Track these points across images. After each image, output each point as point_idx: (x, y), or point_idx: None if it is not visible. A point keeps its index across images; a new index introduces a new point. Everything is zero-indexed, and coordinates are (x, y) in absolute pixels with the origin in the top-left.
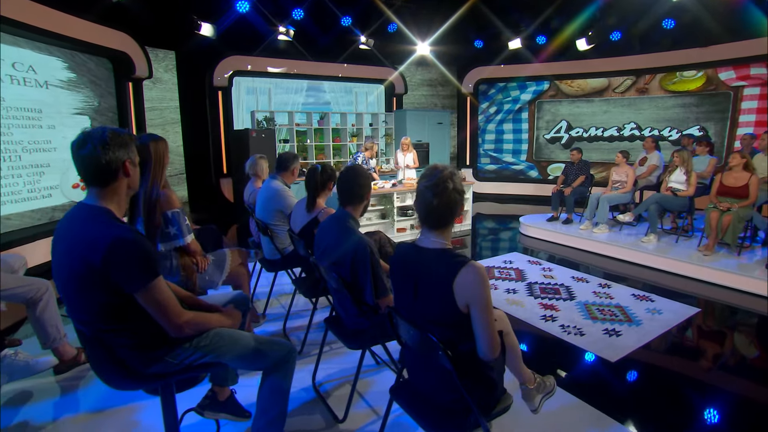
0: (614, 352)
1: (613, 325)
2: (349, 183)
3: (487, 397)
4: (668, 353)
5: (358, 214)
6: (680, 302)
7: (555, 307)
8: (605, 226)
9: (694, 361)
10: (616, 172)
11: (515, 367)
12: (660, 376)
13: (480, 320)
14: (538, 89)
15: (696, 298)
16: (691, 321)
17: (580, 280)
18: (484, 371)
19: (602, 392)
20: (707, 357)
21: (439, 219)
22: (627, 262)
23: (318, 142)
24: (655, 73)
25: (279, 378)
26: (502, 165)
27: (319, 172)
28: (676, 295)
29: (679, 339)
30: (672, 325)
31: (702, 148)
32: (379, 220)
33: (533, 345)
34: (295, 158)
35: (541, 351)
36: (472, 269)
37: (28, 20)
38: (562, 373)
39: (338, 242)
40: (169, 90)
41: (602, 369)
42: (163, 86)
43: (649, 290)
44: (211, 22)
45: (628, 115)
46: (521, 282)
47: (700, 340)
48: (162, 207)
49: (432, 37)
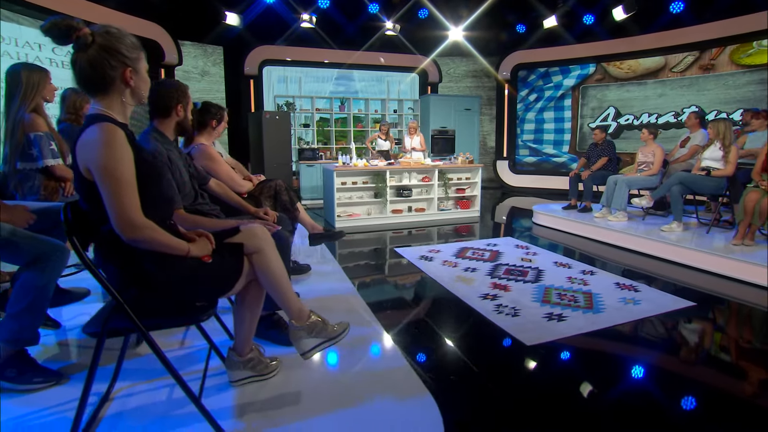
0: (536, 336)
1: (564, 310)
2: (152, 95)
3: (141, 293)
4: (607, 343)
5: (166, 128)
6: (675, 296)
7: (507, 287)
8: (623, 213)
9: (629, 356)
10: (642, 152)
11: (277, 298)
12: (562, 367)
13: (102, 189)
14: (583, 73)
15: (705, 293)
16: (672, 315)
17: (562, 265)
18: (132, 259)
19: (458, 371)
20: (649, 355)
21: (88, 82)
22: (645, 255)
23: (339, 128)
24: (724, 45)
25: (33, 273)
26: (542, 157)
27: (197, 110)
28: (684, 290)
29: (637, 331)
30: (641, 316)
31: (761, 121)
32: (371, 199)
33: (448, 318)
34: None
35: (449, 323)
36: (96, 128)
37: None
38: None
39: None
40: (216, 82)
41: (497, 349)
42: (210, 78)
43: (648, 282)
44: (237, 12)
45: (688, 98)
46: (490, 263)
47: (664, 335)
48: (25, 128)
49: (466, 22)
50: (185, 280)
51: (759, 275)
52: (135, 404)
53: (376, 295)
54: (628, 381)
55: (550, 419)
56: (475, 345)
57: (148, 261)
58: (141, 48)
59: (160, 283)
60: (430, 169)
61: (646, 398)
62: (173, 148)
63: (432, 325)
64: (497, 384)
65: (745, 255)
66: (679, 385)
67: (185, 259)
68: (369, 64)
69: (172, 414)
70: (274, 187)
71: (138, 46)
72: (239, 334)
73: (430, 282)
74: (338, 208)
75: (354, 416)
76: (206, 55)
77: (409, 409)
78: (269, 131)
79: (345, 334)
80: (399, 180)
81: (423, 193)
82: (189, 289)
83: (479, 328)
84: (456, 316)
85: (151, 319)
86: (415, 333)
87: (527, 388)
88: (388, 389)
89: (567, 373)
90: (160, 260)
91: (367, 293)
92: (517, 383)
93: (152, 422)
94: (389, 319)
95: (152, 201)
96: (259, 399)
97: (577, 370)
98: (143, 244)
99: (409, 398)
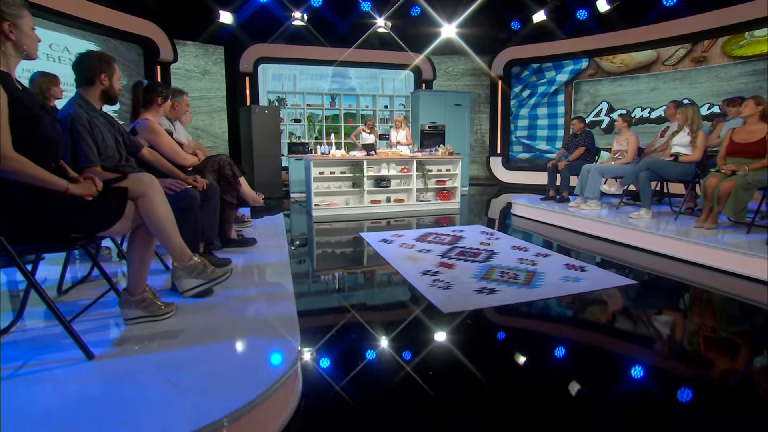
0: (455, 304)
1: (499, 285)
2: (77, 65)
3: (13, 223)
4: (522, 313)
5: (91, 96)
6: (621, 276)
7: (453, 266)
8: (596, 202)
9: (535, 324)
10: (617, 141)
11: (160, 240)
12: (466, 330)
13: None
14: (576, 68)
15: (655, 275)
16: (606, 291)
17: (519, 248)
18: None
19: (346, 325)
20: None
21: None
22: (617, 242)
23: (331, 123)
24: (716, 37)
25: None
26: (536, 153)
27: (144, 88)
28: (634, 271)
29: (559, 304)
30: (574, 292)
31: (736, 109)
32: (349, 188)
33: (371, 286)
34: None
35: (370, 290)
36: None
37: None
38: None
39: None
40: (216, 81)
41: (404, 312)
42: (211, 77)
43: (602, 265)
44: (231, 11)
45: (680, 91)
46: (447, 246)
47: (585, 308)
48: None
49: (459, 19)
50: (57, 213)
51: (712, 257)
52: (29, 336)
53: (308, 266)
54: (522, 347)
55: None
56: (383, 308)
57: (17, 192)
58: (25, 6)
59: (31, 213)
60: (409, 160)
61: (536, 364)
62: (98, 115)
63: (347, 289)
64: (374, 333)
65: (701, 238)
66: (577, 352)
67: (62, 195)
68: (361, 62)
69: (58, 343)
70: (218, 161)
71: (20, 5)
72: (130, 275)
73: (376, 259)
74: (316, 197)
75: (221, 348)
76: (207, 54)
77: (269, 342)
78: (258, 125)
79: (224, 277)
80: (378, 170)
81: (402, 184)
82: (61, 221)
83: (399, 296)
84: (382, 286)
85: (25, 245)
86: (325, 295)
87: (407, 338)
88: (264, 332)
89: (467, 336)
90: (30, 192)
91: (300, 265)
92: (398, 332)
93: (34, 349)
94: (304, 283)
95: (29, 141)
96: (142, 334)
97: (478, 334)
98: (13, 175)
99: (277, 338)
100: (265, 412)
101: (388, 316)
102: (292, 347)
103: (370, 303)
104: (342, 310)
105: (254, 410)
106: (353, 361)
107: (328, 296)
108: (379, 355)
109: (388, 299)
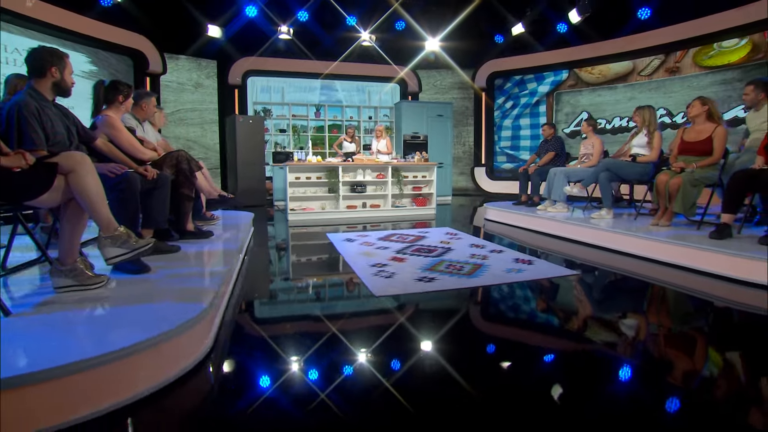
0: (390, 290)
1: (441, 276)
2: (29, 57)
3: None
4: (451, 297)
5: (42, 87)
6: (564, 267)
7: (404, 260)
8: (562, 204)
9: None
10: (583, 145)
11: (88, 211)
12: (389, 311)
13: None
14: (557, 79)
15: (600, 268)
16: (544, 280)
17: (476, 246)
18: None
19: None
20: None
21: None
22: (581, 243)
23: (316, 134)
24: (687, 48)
25: None
26: (519, 163)
27: (104, 86)
28: (581, 265)
29: (491, 291)
30: (511, 281)
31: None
32: (325, 194)
33: (317, 274)
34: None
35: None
36: None
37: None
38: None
39: None
40: (209, 94)
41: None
42: (204, 90)
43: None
44: (219, 25)
45: (656, 100)
46: (406, 244)
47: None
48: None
49: (442, 33)
50: None
51: (660, 252)
52: None
53: (259, 255)
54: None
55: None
56: (317, 287)
57: None
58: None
59: None
60: (384, 166)
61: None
62: (49, 105)
63: (290, 272)
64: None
65: (651, 234)
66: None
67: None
68: (347, 74)
69: None
70: (176, 156)
71: None
72: (60, 245)
73: (332, 254)
74: (292, 202)
75: (139, 308)
76: (200, 68)
77: (186, 304)
78: (243, 135)
79: (147, 248)
80: (354, 176)
81: (378, 190)
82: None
83: (335, 280)
84: (323, 268)
85: None
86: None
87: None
88: (185, 298)
89: (388, 315)
90: None
91: (250, 254)
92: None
93: None
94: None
95: None
96: (68, 300)
97: (400, 315)
98: None
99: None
100: (175, 349)
101: (317, 290)
102: (201, 307)
103: (304, 283)
104: (275, 287)
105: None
106: (272, 320)
107: (263, 276)
108: (298, 320)
109: (324, 281)
